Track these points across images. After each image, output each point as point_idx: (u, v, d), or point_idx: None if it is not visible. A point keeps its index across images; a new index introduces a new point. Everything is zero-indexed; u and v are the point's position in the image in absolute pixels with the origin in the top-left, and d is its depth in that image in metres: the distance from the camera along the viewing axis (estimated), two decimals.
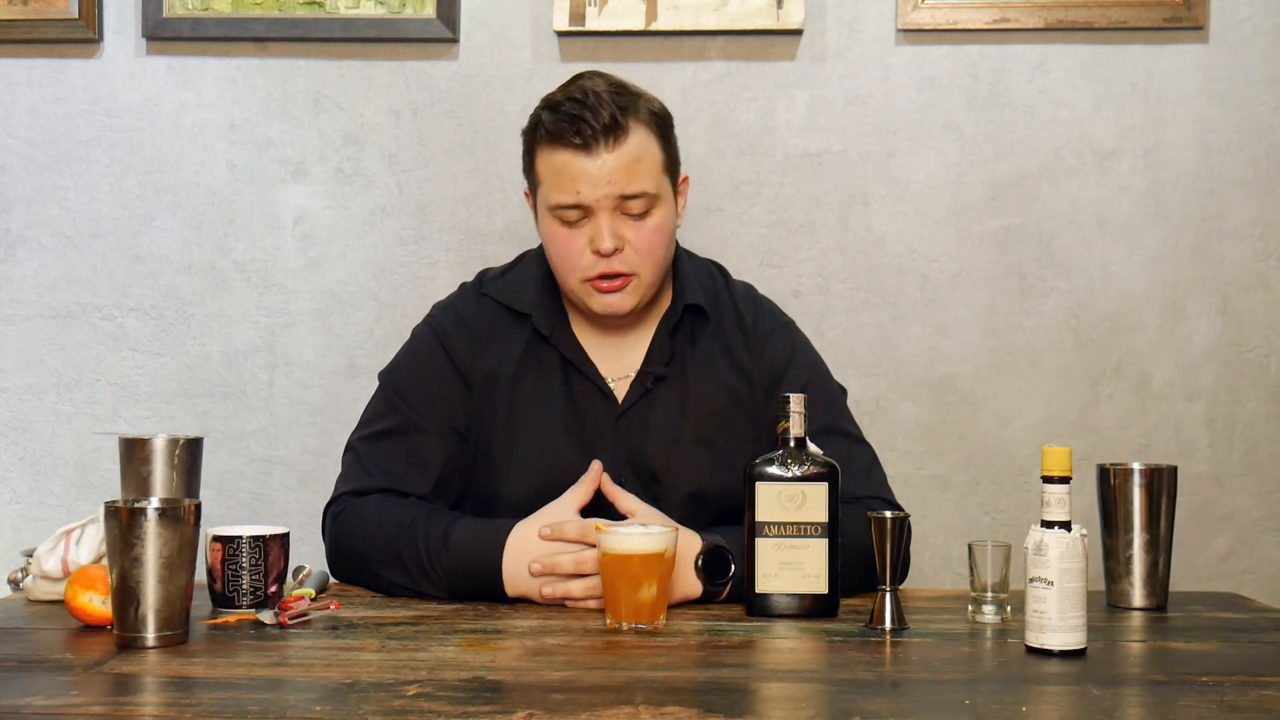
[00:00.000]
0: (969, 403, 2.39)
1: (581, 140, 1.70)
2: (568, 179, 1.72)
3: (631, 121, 1.73)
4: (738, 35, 2.38)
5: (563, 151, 1.72)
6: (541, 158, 1.76)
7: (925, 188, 2.39)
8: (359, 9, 2.40)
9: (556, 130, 1.72)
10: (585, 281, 1.75)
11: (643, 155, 1.73)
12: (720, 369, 1.83)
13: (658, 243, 1.76)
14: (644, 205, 1.74)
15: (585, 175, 1.71)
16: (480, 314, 1.85)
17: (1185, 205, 2.37)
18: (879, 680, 1.30)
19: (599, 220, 1.73)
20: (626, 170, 1.71)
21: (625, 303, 1.76)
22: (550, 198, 1.75)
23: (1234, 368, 2.37)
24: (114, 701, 1.20)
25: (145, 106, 2.44)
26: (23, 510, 2.45)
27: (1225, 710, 1.19)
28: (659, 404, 1.81)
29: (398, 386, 1.84)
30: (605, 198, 1.72)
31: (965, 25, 2.35)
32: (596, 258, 1.73)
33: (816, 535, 1.58)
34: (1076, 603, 1.40)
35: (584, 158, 1.71)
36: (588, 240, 1.73)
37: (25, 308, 2.46)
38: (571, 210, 1.73)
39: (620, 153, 1.71)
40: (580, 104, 1.71)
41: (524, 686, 1.25)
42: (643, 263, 1.75)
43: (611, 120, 1.71)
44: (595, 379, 1.81)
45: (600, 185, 1.71)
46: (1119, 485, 1.69)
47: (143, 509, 1.38)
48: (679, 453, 1.80)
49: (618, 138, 1.71)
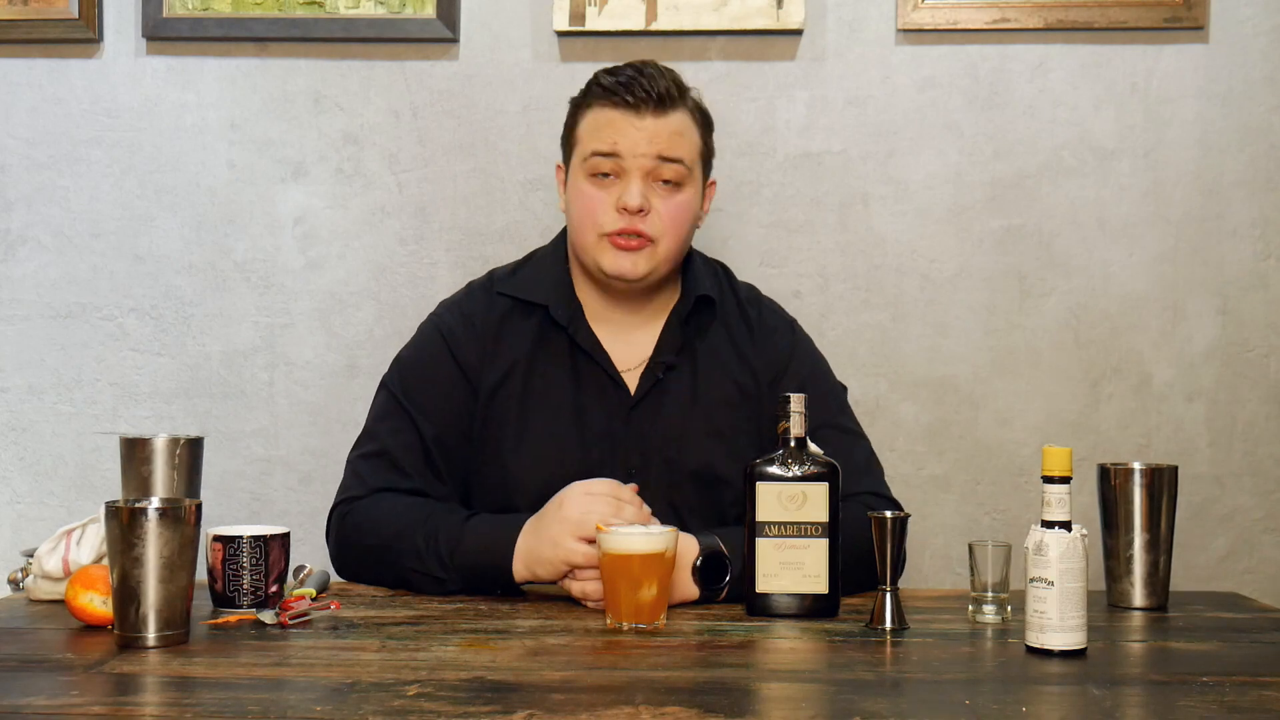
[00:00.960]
0: (969, 403, 2.39)
1: (633, 99, 1.77)
2: (609, 132, 1.77)
3: (681, 99, 1.81)
4: (738, 35, 2.38)
5: (610, 109, 1.78)
6: (587, 116, 1.81)
7: (925, 188, 2.39)
8: (359, 9, 2.40)
9: (610, 88, 1.78)
10: (604, 236, 1.79)
11: (684, 131, 1.80)
12: (727, 362, 1.86)
13: (682, 219, 1.81)
14: (677, 175, 1.79)
15: (627, 130, 1.77)
16: (490, 312, 1.86)
17: (1185, 205, 2.37)
18: (879, 680, 1.30)
19: (630, 180, 1.77)
20: (668, 137, 1.78)
21: (638, 266, 1.79)
22: (587, 148, 1.79)
23: (1234, 368, 2.37)
24: (115, 701, 1.20)
25: (145, 106, 2.44)
26: (23, 510, 2.45)
27: (1225, 710, 1.19)
28: (670, 394, 1.83)
29: (402, 386, 1.85)
30: (642, 156, 1.77)
31: (965, 25, 2.35)
32: (621, 214, 1.77)
33: (817, 535, 1.58)
34: (1077, 603, 1.40)
35: (631, 115, 1.77)
36: (615, 199, 1.77)
37: (25, 308, 2.45)
38: (605, 160, 1.77)
39: (665, 121, 1.78)
40: (638, 71, 1.79)
41: (524, 686, 1.25)
42: (664, 231, 1.79)
43: (666, 91, 1.78)
44: (609, 369, 1.83)
45: (640, 143, 1.76)
46: (1119, 485, 1.70)
47: (143, 509, 1.38)
48: (691, 442, 1.82)
49: (666, 108, 1.78)
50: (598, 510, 1.60)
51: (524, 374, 1.82)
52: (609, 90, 1.78)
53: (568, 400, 1.81)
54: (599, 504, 1.61)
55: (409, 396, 1.83)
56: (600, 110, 1.79)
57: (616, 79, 1.79)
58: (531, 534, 1.65)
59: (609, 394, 1.83)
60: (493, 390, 1.82)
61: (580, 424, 1.81)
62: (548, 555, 1.62)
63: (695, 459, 1.82)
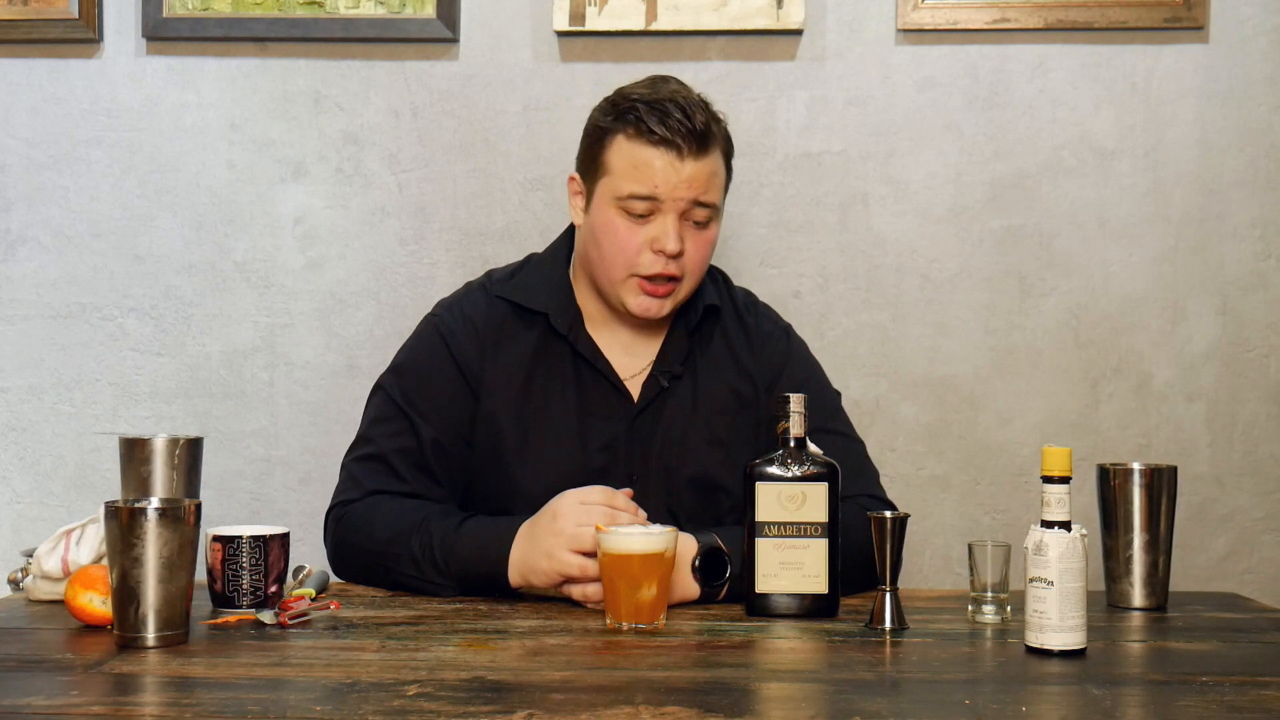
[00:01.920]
0: (969, 403, 2.39)
1: (672, 139, 1.73)
2: (647, 172, 1.74)
3: (716, 134, 1.78)
4: (738, 35, 2.38)
5: (649, 147, 1.74)
6: (619, 147, 1.77)
7: (925, 188, 2.39)
8: (359, 9, 2.40)
9: (648, 124, 1.74)
10: (632, 277, 1.78)
11: (717, 169, 1.79)
12: (726, 370, 1.86)
13: (706, 256, 1.82)
14: (707, 216, 1.79)
15: (668, 174, 1.74)
16: (490, 314, 1.85)
17: (1185, 205, 2.37)
18: (879, 680, 1.30)
19: (666, 220, 1.76)
20: (705, 179, 1.76)
21: (664, 308, 1.80)
22: (621, 187, 1.76)
23: (1234, 368, 2.37)
24: (114, 701, 1.20)
25: (145, 106, 2.44)
26: (23, 510, 2.45)
27: (1225, 710, 1.19)
28: (671, 402, 1.83)
29: (400, 388, 1.83)
30: (680, 200, 1.75)
31: (965, 25, 2.35)
32: (656, 257, 1.76)
33: (816, 535, 1.58)
34: (1076, 603, 1.40)
35: (671, 156, 1.74)
36: (649, 238, 1.76)
37: (25, 308, 2.45)
38: (641, 202, 1.75)
39: (703, 162, 1.76)
40: (675, 105, 1.74)
41: (524, 686, 1.25)
42: (690, 272, 1.80)
43: (704, 128, 1.75)
44: (611, 377, 1.82)
45: (680, 187, 1.74)
46: (1119, 485, 1.70)
47: (143, 509, 1.38)
48: (690, 449, 1.82)
49: (704, 147, 1.76)
50: (593, 520, 1.58)
51: (525, 380, 1.81)
52: (649, 128, 1.74)
53: (571, 407, 1.81)
54: (594, 514, 1.59)
55: (407, 399, 1.82)
56: (637, 146, 1.75)
57: (656, 114, 1.74)
58: (526, 543, 1.63)
59: (612, 402, 1.82)
60: (492, 394, 1.81)
61: (583, 431, 1.80)
62: (543, 567, 1.61)
63: (694, 466, 1.82)
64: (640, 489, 1.76)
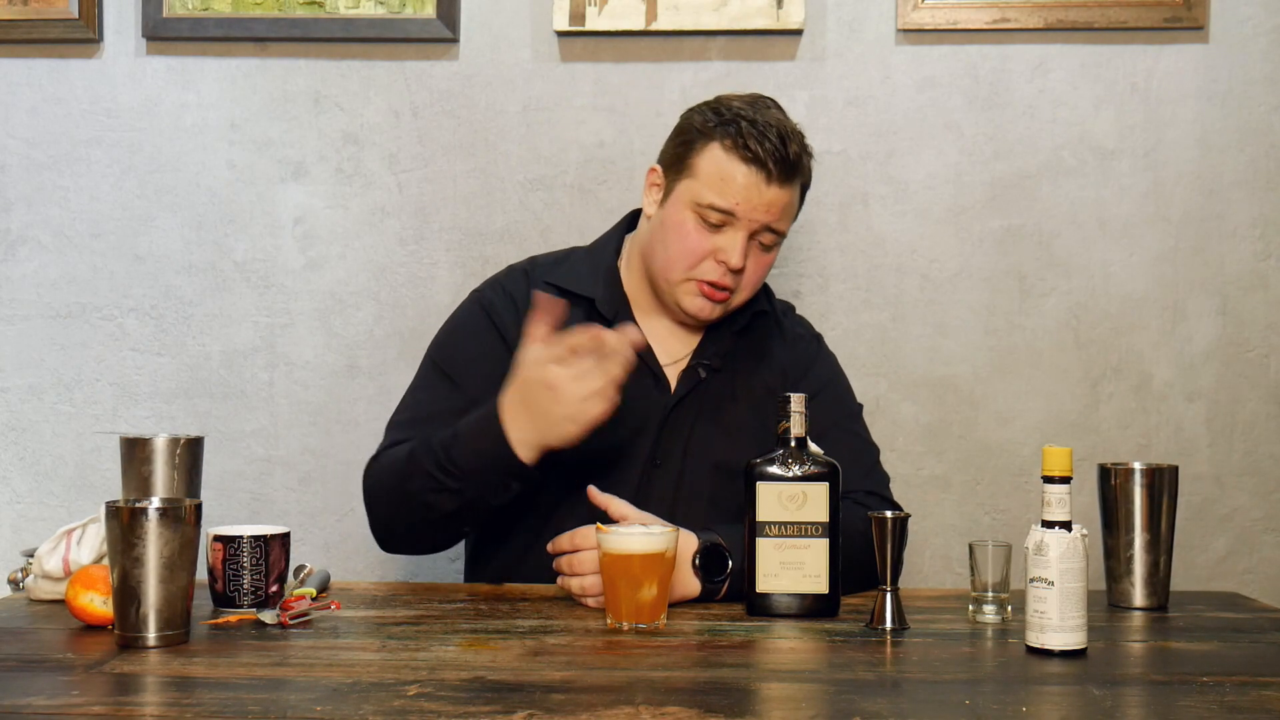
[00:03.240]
0: (969, 403, 2.39)
1: (765, 162, 1.78)
2: (733, 189, 1.79)
3: (802, 168, 1.84)
4: (738, 35, 2.38)
5: (742, 163, 1.79)
6: (711, 154, 1.81)
7: (925, 188, 2.39)
8: (359, 9, 2.40)
9: (746, 141, 1.78)
10: (690, 280, 1.83)
11: (795, 200, 1.85)
12: (762, 366, 1.92)
13: (763, 275, 1.89)
14: (774, 241, 1.85)
15: (751, 193, 1.79)
16: (530, 294, 1.88)
17: (1185, 205, 2.37)
18: (879, 680, 1.30)
19: (737, 236, 1.81)
20: (783, 208, 1.82)
21: (715, 313, 1.87)
22: (703, 196, 1.80)
23: (1234, 368, 2.37)
24: (115, 701, 1.20)
25: (145, 106, 2.44)
26: (23, 510, 2.45)
27: (1225, 710, 1.19)
28: (708, 394, 1.88)
29: (442, 353, 1.90)
30: (756, 221, 1.80)
31: (965, 25, 2.35)
32: (717, 266, 1.82)
33: (817, 535, 1.58)
34: (1077, 603, 1.40)
35: (760, 178, 1.79)
36: (715, 247, 1.81)
37: (25, 308, 2.45)
38: (717, 214, 1.80)
39: (786, 190, 1.81)
40: (778, 131, 1.79)
41: (524, 686, 1.25)
42: (745, 287, 1.86)
43: (796, 160, 1.81)
44: (651, 364, 1.87)
45: (759, 209, 1.80)
46: (1120, 485, 1.70)
47: (144, 509, 1.38)
48: (718, 438, 1.86)
49: (791, 177, 1.82)
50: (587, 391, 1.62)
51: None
52: (743, 144, 1.78)
53: None
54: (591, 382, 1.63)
55: (449, 363, 1.88)
56: (730, 158, 1.79)
57: (758, 133, 1.78)
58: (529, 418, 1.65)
59: (647, 387, 1.86)
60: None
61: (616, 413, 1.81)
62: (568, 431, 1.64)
63: (719, 454, 1.85)
64: (662, 473, 1.83)
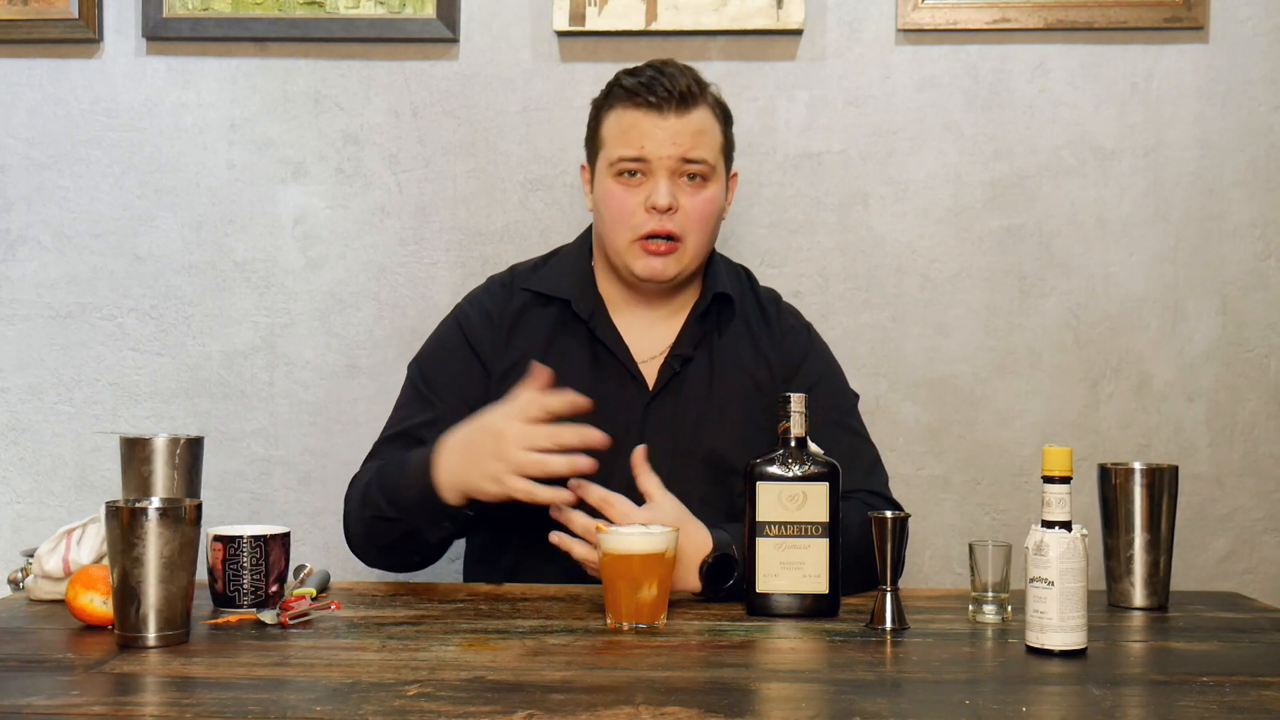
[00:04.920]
0: (969, 403, 2.39)
1: (655, 100, 1.81)
2: (634, 135, 1.81)
3: (702, 97, 1.84)
4: (738, 35, 2.38)
5: (634, 110, 1.82)
6: (610, 118, 1.85)
7: (925, 188, 2.39)
8: (359, 9, 2.40)
9: (633, 90, 1.82)
10: (634, 242, 1.83)
11: (706, 129, 1.84)
12: (744, 356, 1.91)
13: (708, 214, 1.85)
14: (701, 171, 1.83)
15: (653, 132, 1.81)
16: (508, 304, 1.92)
17: (1185, 205, 2.37)
18: (879, 680, 1.30)
19: (658, 179, 1.82)
20: (691, 136, 1.82)
21: (668, 268, 1.84)
22: (613, 153, 1.83)
23: (1234, 368, 2.37)
24: (115, 701, 1.20)
25: (145, 106, 2.44)
26: (23, 510, 2.45)
27: (1225, 710, 1.19)
28: (687, 387, 1.88)
29: (420, 372, 1.92)
30: (668, 158, 1.81)
31: (965, 25, 2.35)
32: (650, 214, 1.82)
33: (817, 535, 1.58)
34: (1077, 603, 1.40)
35: (654, 116, 1.81)
36: (644, 199, 1.82)
37: (25, 308, 2.45)
38: (633, 163, 1.82)
39: (688, 120, 1.82)
40: (659, 71, 1.83)
41: (524, 686, 1.25)
42: (692, 229, 1.84)
43: (687, 89, 1.82)
44: (627, 362, 1.87)
45: (665, 145, 1.81)
46: (1120, 485, 1.70)
47: (144, 509, 1.38)
48: (704, 432, 1.86)
49: (688, 106, 1.82)
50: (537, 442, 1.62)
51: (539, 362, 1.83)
52: (631, 91, 1.82)
53: (584, 389, 1.82)
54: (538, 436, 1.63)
55: (426, 383, 1.89)
56: (624, 112, 1.83)
57: (638, 79, 1.83)
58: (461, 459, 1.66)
59: (626, 385, 1.87)
60: (505, 375, 1.85)
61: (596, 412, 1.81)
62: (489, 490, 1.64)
63: (707, 448, 1.85)
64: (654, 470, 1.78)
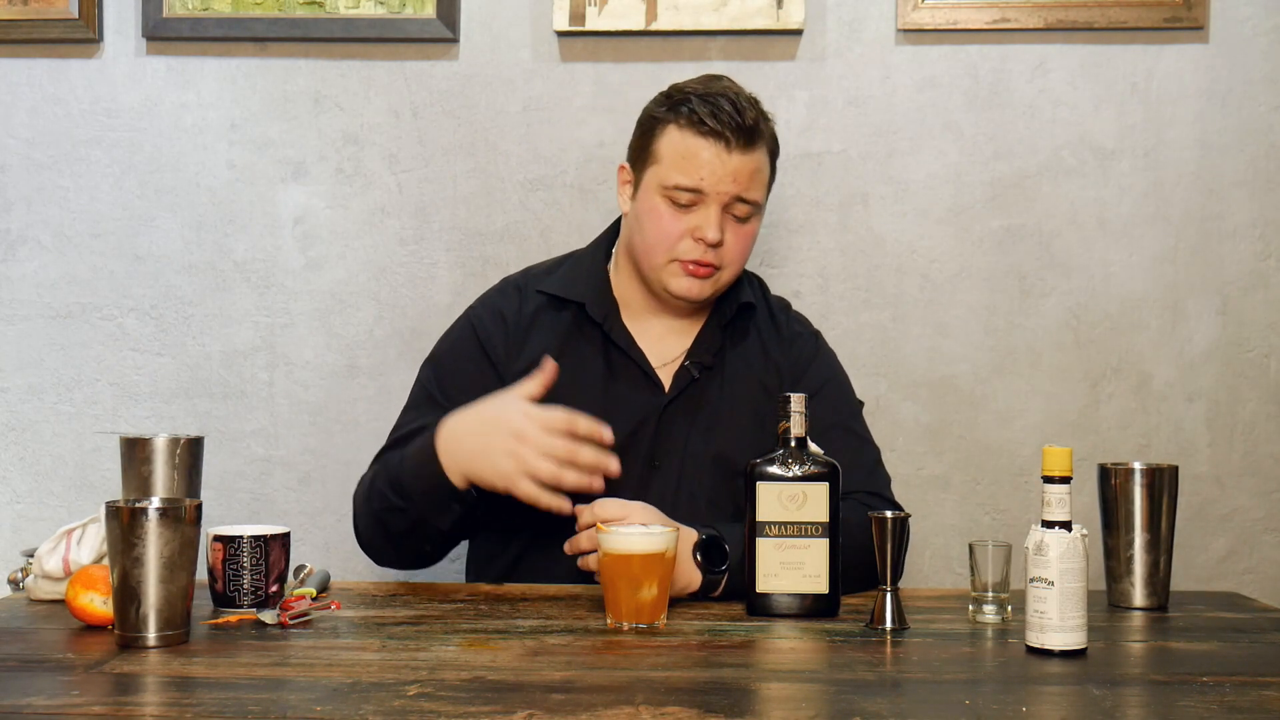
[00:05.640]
0: (969, 403, 2.39)
1: (722, 133, 1.78)
2: (695, 165, 1.79)
3: (765, 132, 1.84)
4: (738, 35, 2.38)
5: (698, 138, 1.80)
6: (669, 137, 1.82)
7: (925, 188, 2.39)
8: (359, 9, 2.40)
9: (700, 115, 1.79)
10: (674, 262, 1.83)
11: (762, 167, 1.84)
12: (756, 364, 1.92)
13: (746, 249, 1.87)
14: (748, 212, 1.84)
15: (714, 165, 1.79)
16: (522, 307, 1.91)
17: (1185, 205, 2.37)
18: (879, 680, 1.30)
19: (709, 211, 1.81)
20: (750, 176, 1.82)
21: (704, 290, 1.85)
22: (668, 178, 1.81)
23: (1234, 368, 2.37)
24: (115, 701, 1.20)
25: (145, 106, 2.44)
26: (23, 510, 2.45)
27: (1225, 710, 1.19)
28: (702, 392, 1.88)
29: (432, 374, 1.91)
30: (724, 193, 1.80)
31: (965, 25, 2.35)
32: (695, 244, 1.82)
33: (817, 535, 1.58)
34: (1077, 603, 1.40)
35: (719, 149, 1.79)
36: (690, 226, 1.81)
37: (25, 308, 2.45)
38: (686, 194, 1.80)
39: (749, 158, 1.81)
40: (727, 100, 1.80)
41: (524, 686, 1.25)
42: (730, 262, 1.85)
43: (753, 125, 1.81)
44: (644, 365, 1.87)
45: (724, 180, 1.80)
46: (1120, 485, 1.70)
47: (144, 509, 1.38)
48: (714, 436, 1.86)
49: (752, 143, 1.81)
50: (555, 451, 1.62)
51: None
52: (696, 119, 1.79)
53: (598, 393, 1.85)
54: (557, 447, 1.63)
55: (438, 385, 1.88)
56: (687, 136, 1.80)
57: (708, 105, 1.79)
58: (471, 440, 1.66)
59: (641, 388, 1.87)
60: (518, 378, 1.83)
61: (610, 416, 1.80)
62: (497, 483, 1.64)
63: (716, 451, 1.85)
64: (662, 474, 1.83)
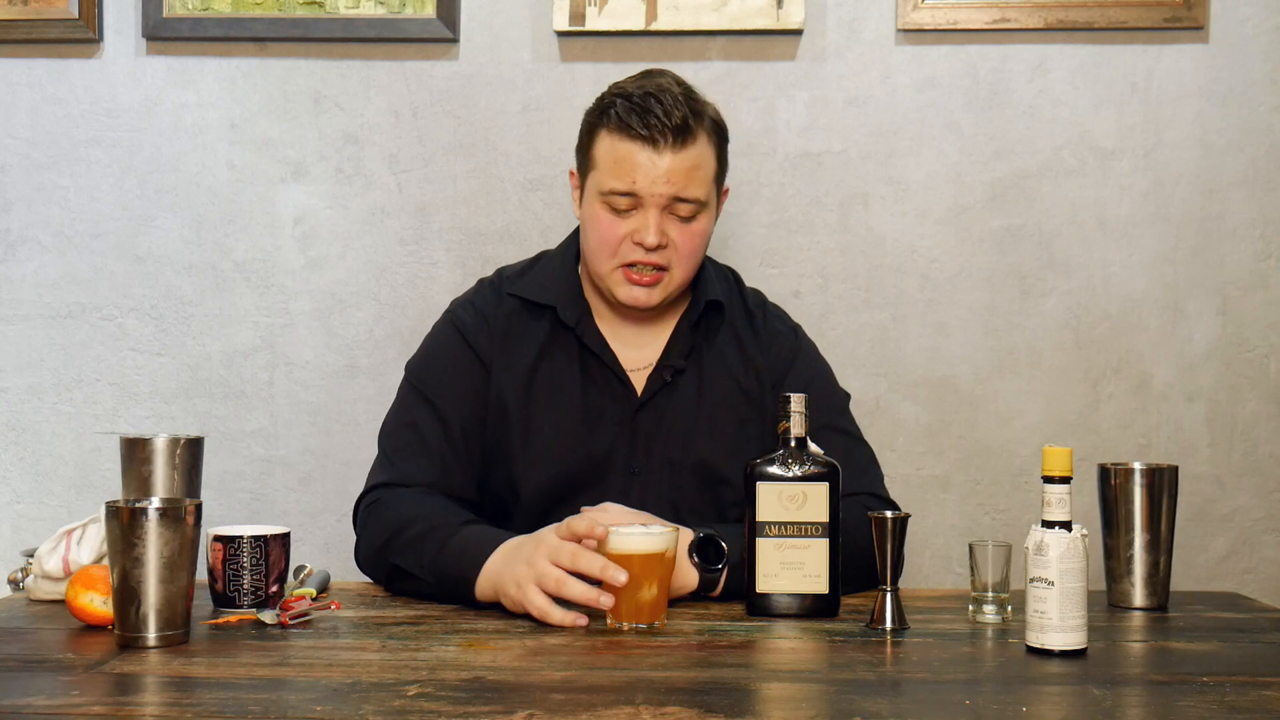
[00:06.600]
0: (969, 403, 2.39)
1: (649, 135, 1.74)
2: (627, 168, 1.76)
3: (698, 128, 1.78)
4: (738, 35, 2.38)
5: (627, 141, 1.76)
6: (603, 143, 1.79)
7: (925, 188, 2.39)
8: (359, 9, 2.40)
9: (626, 119, 1.75)
10: (617, 269, 1.80)
11: (701, 163, 1.78)
12: (733, 364, 1.88)
13: (697, 246, 1.82)
14: (692, 210, 1.79)
15: (645, 168, 1.75)
16: (499, 309, 1.88)
17: (1185, 205, 2.37)
18: (879, 680, 1.30)
19: (648, 214, 1.77)
20: (685, 174, 1.76)
21: (652, 298, 1.81)
22: (604, 183, 1.78)
23: (1234, 368, 2.37)
24: (115, 701, 1.20)
25: (145, 106, 2.44)
26: (23, 510, 2.45)
27: (1225, 710, 1.19)
28: (676, 396, 1.85)
29: (419, 374, 1.88)
30: (659, 195, 1.76)
31: (965, 25, 2.35)
32: (636, 247, 1.77)
33: (817, 535, 1.58)
34: (1077, 603, 1.40)
35: (648, 151, 1.75)
36: (631, 230, 1.77)
37: (25, 308, 2.45)
38: (623, 198, 1.77)
39: (683, 156, 1.76)
40: (655, 100, 1.75)
41: (524, 686, 1.25)
42: (679, 262, 1.80)
43: (682, 122, 1.75)
44: (616, 370, 1.84)
45: (658, 182, 1.75)
46: (1120, 485, 1.69)
47: (144, 509, 1.38)
48: (694, 441, 1.83)
49: (684, 141, 1.76)
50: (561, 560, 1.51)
51: (531, 371, 1.84)
52: (624, 123, 1.75)
53: (575, 399, 1.83)
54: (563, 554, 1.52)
55: (428, 385, 1.85)
56: (617, 140, 1.76)
57: (633, 107, 1.75)
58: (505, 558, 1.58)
59: (616, 394, 1.84)
60: (501, 383, 1.84)
61: (587, 422, 1.82)
62: (511, 593, 1.55)
63: (696, 458, 1.83)
64: (642, 481, 1.80)
